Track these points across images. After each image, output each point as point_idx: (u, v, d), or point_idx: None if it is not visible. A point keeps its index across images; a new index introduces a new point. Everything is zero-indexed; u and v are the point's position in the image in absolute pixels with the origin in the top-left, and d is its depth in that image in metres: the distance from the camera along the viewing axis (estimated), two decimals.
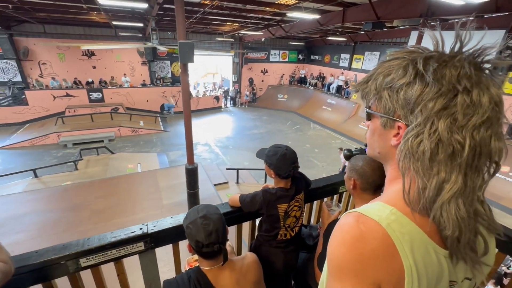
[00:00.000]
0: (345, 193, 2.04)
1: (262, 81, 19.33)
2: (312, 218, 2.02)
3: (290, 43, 18.47)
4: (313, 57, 19.36)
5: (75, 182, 7.13)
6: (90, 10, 8.99)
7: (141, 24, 11.33)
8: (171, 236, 1.34)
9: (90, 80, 13.88)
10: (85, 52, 13.60)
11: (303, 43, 19.11)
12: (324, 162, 9.94)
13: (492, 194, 7.13)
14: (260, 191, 1.38)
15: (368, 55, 14.68)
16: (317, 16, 8.57)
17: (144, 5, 6.97)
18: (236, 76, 18.29)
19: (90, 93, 13.47)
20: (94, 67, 14.12)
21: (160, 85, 15.40)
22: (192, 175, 5.67)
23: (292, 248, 1.50)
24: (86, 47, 12.23)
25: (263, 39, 15.34)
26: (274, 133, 12.99)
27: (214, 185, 7.16)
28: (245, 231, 1.74)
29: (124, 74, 14.61)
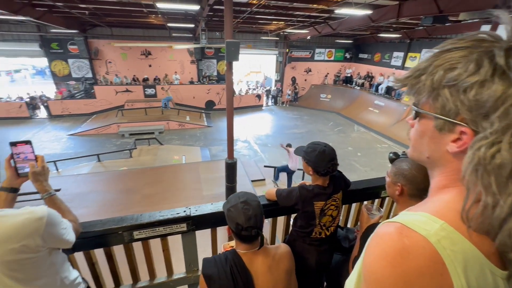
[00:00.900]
0: (388, 199, 1.92)
1: (305, 80, 18.94)
2: (350, 221, 1.95)
3: (337, 41, 17.72)
4: (361, 56, 18.29)
5: (130, 168, 8.01)
6: (150, 14, 9.95)
7: (192, 25, 12.07)
8: (210, 221, 1.44)
9: (146, 77, 15.36)
10: (143, 52, 15.07)
11: (351, 41, 18.17)
12: (368, 167, 9.36)
13: None
14: (297, 187, 1.39)
15: (426, 53, 13.08)
16: (369, 12, 8.04)
17: (196, 7, 7.41)
18: (279, 75, 18.25)
19: (145, 89, 14.91)
20: (150, 66, 15.57)
21: (206, 83, 16.22)
22: (231, 170, 5.90)
23: (326, 248, 1.47)
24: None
25: (309, 37, 14.97)
26: (315, 133, 12.67)
27: (252, 181, 7.31)
28: (279, 227, 1.77)
29: (175, 72, 15.80)
